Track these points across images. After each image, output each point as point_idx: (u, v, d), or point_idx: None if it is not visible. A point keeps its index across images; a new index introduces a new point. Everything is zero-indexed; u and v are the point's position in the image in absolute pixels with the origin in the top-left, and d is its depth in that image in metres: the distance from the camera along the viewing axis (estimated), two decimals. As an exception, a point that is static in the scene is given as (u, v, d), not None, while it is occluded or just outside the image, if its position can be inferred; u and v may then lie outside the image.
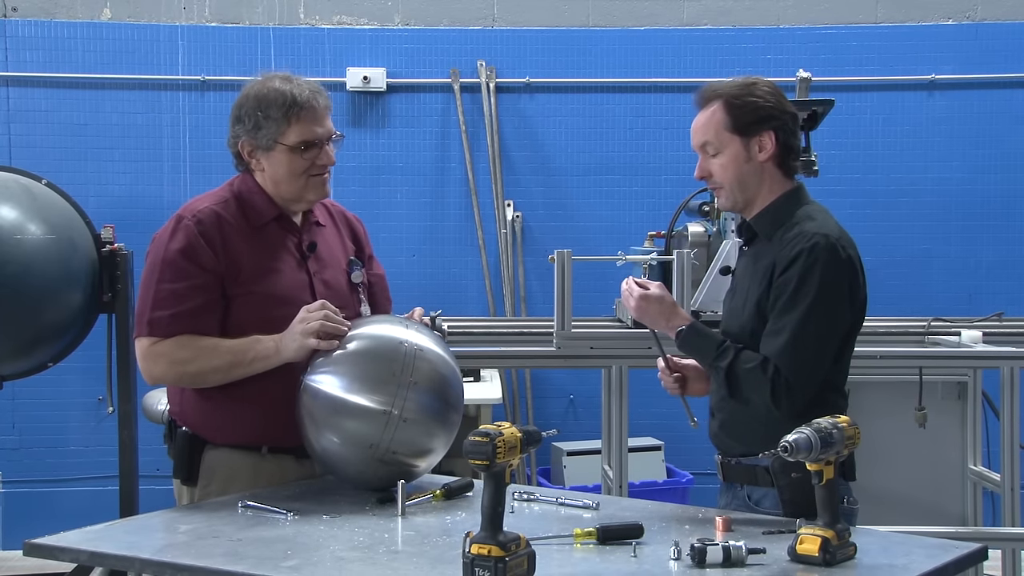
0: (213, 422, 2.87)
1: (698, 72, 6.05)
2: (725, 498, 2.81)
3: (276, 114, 2.84)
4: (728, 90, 2.73)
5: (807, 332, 2.58)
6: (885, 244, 6.15)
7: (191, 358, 2.78)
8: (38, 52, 6.08)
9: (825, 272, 2.59)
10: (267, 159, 2.89)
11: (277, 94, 2.85)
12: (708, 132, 2.73)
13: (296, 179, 2.88)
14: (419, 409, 2.69)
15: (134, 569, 2.36)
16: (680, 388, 2.89)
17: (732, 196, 2.75)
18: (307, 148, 2.87)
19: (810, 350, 2.59)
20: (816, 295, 2.58)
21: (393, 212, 6.17)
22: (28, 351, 4.50)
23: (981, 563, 3.44)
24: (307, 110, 2.86)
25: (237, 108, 2.91)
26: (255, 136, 2.87)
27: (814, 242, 2.61)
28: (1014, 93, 6.22)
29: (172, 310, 2.78)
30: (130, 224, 5.02)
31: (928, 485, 4.72)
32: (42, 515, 5.91)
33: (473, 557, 2.05)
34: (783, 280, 2.62)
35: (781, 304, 2.61)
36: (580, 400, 6.18)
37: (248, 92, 2.91)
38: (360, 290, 3.03)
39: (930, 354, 4.33)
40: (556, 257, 4.04)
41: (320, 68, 6.11)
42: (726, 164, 2.72)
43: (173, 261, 2.80)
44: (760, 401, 2.62)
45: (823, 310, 2.59)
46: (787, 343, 2.59)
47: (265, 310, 2.82)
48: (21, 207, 4.40)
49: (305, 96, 2.86)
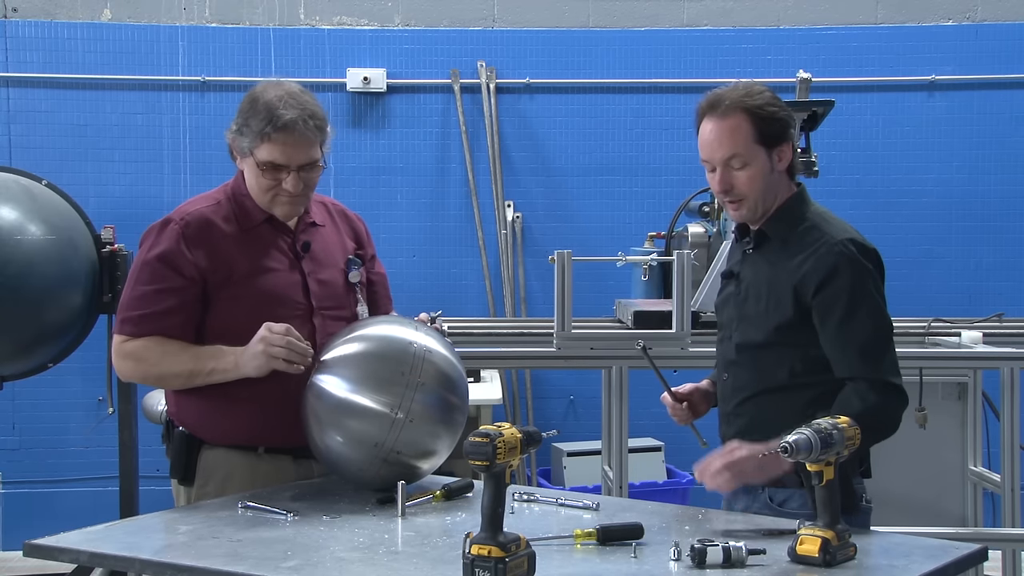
0: (209, 422, 2.87)
1: (698, 73, 6.06)
2: (743, 501, 2.74)
3: (255, 127, 2.81)
4: (749, 102, 2.67)
5: (878, 335, 2.66)
6: (885, 245, 5.98)
7: (155, 361, 2.83)
8: (38, 53, 6.08)
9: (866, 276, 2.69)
10: (244, 163, 2.90)
11: (264, 107, 2.81)
12: (737, 145, 2.66)
13: (263, 193, 2.88)
14: (425, 410, 2.70)
15: (134, 570, 2.36)
16: (691, 415, 2.89)
17: (755, 208, 2.72)
18: (273, 169, 2.84)
19: (887, 353, 2.66)
20: (869, 300, 2.66)
21: (393, 213, 6.16)
22: (28, 351, 4.51)
23: (981, 564, 3.43)
24: (284, 133, 2.79)
25: (240, 104, 2.90)
26: (238, 137, 2.88)
27: (846, 250, 2.66)
28: (1014, 94, 6.22)
29: (143, 311, 2.82)
30: (130, 225, 4.99)
31: (928, 486, 4.71)
32: (42, 516, 5.91)
33: (473, 558, 2.05)
34: (830, 293, 2.64)
35: (838, 317, 2.63)
36: (580, 401, 6.17)
37: (251, 93, 2.89)
38: (357, 289, 3.01)
39: (930, 355, 4.32)
40: (556, 258, 4.04)
41: (320, 69, 6.11)
42: (754, 176, 2.68)
43: (150, 264, 2.84)
44: (895, 423, 2.67)
45: (879, 311, 2.68)
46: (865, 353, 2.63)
47: (257, 311, 2.81)
48: (21, 208, 4.41)
49: (288, 119, 2.78)
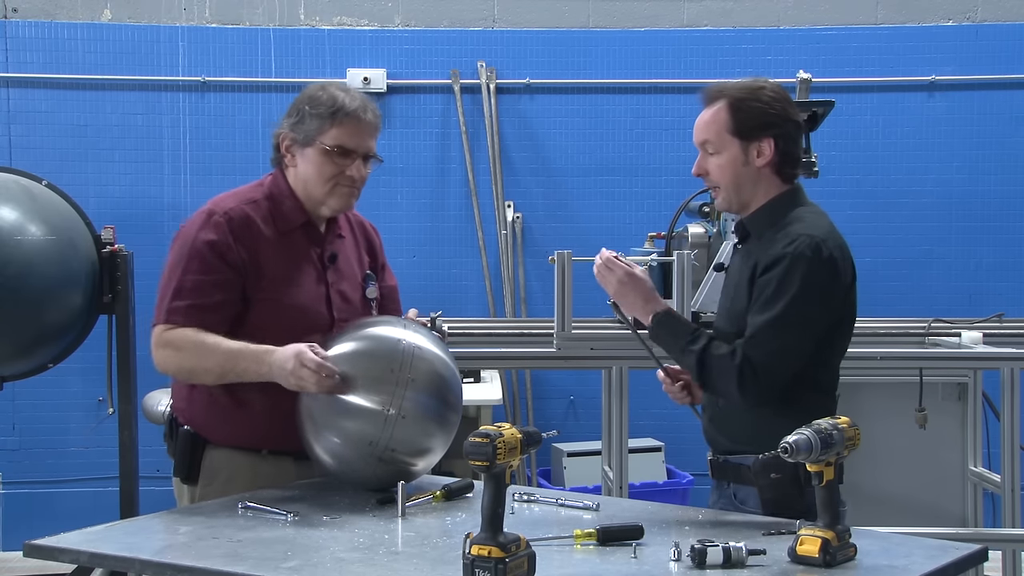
0: (217, 422, 2.88)
1: (698, 73, 6.05)
2: (714, 496, 2.82)
3: (322, 112, 2.86)
4: (734, 91, 2.73)
5: (778, 325, 2.60)
6: (885, 245, 6.15)
7: (193, 352, 2.79)
8: (38, 53, 6.08)
9: (806, 273, 2.60)
10: (301, 155, 2.90)
11: (328, 96, 2.89)
12: (709, 131, 2.73)
13: (323, 183, 2.89)
14: (417, 407, 2.70)
15: (134, 570, 2.35)
16: (688, 396, 2.89)
17: (728, 197, 2.77)
18: (341, 154, 2.88)
19: (779, 341, 2.60)
20: (794, 294, 2.59)
21: (393, 213, 6.16)
22: (28, 352, 4.50)
23: (981, 564, 3.43)
24: (352, 118, 2.88)
25: (292, 104, 2.95)
26: (297, 129, 2.89)
27: (797, 243, 2.62)
28: (1014, 94, 6.22)
29: (191, 301, 2.80)
30: (130, 225, 5.03)
31: (928, 486, 4.72)
32: (42, 516, 5.91)
33: (473, 558, 2.05)
34: (764, 281, 2.65)
35: (760, 303, 2.64)
36: (580, 401, 6.18)
37: (307, 91, 2.95)
38: (372, 305, 3.05)
39: (930, 355, 4.33)
40: (556, 258, 4.04)
41: (320, 69, 6.11)
42: (723, 166, 2.73)
43: (201, 252, 2.82)
44: (726, 388, 2.65)
45: (798, 308, 2.60)
46: (757, 335, 2.61)
47: (282, 318, 2.84)
48: (21, 208, 4.41)
49: (354, 105, 2.89)
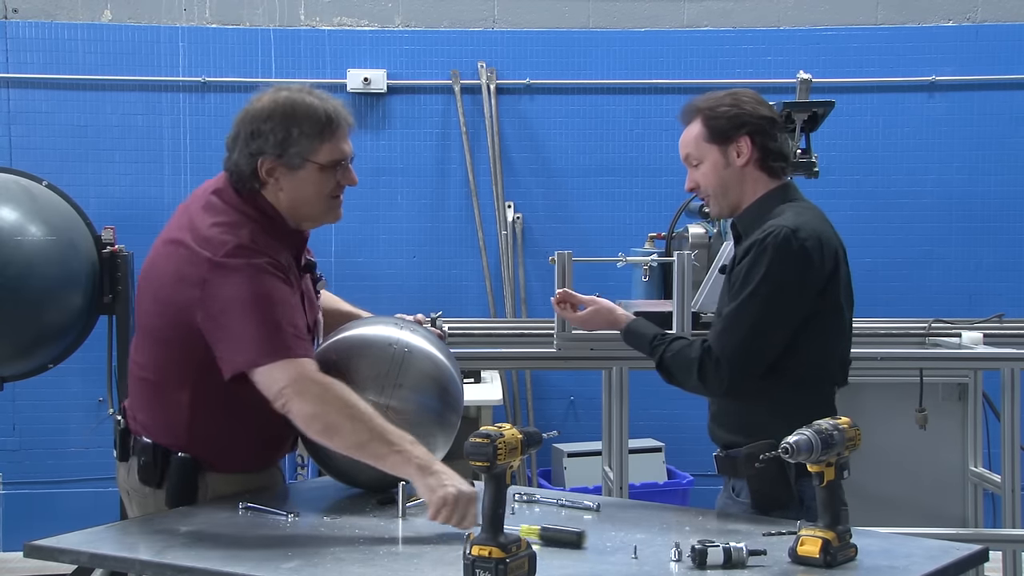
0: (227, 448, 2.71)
1: (699, 74, 6.06)
2: (722, 493, 2.85)
3: (310, 130, 2.66)
4: (704, 104, 2.86)
5: (743, 314, 2.65)
6: (885, 245, 6.15)
7: (338, 409, 2.51)
8: (39, 53, 6.07)
9: (772, 263, 2.64)
10: (291, 178, 2.68)
11: (310, 109, 2.67)
12: (689, 145, 2.88)
13: (321, 200, 2.72)
14: (412, 407, 2.68)
15: (134, 570, 2.36)
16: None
17: (718, 202, 2.85)
18: (334, 167, 2.71)
19: (743, 330, 2.65)
20: (758, 284, 2.64)
21: (393, 213, 6.16)
22: (28, 352, 4.50)
23: (982, 565, 3.43)
24: (338, 127, 2.70)
25: (254, 122, 2.67)
26: (282, 153, 2.66)
27: (767, 234, 2.66)
28: (1014, 94, 6.22)
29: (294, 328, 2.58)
30: (131, 226, 5.02)
31: (929, 486, 4.72)
32: (42, 517, 5.91)
33: (474, 559, 2.05)
34: (734, 273, 2.72)
35: (730, 295, 2.71)
36: (580, 401, 6.17)
37: (269, 106, 2.68)
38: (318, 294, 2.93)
39: (931, 355, 4.33)
40: (557, 258, 4.03)
41: (320, 69, 6.11)
42: (708, 172, 2.84)
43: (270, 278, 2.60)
44: (686, 380, 2.74)
45: (763, 298, 2.64)
46: (721, 325, 2.69)
47: None
48: (22, 209, 4.41)
49: (339, 113, 2.70)
